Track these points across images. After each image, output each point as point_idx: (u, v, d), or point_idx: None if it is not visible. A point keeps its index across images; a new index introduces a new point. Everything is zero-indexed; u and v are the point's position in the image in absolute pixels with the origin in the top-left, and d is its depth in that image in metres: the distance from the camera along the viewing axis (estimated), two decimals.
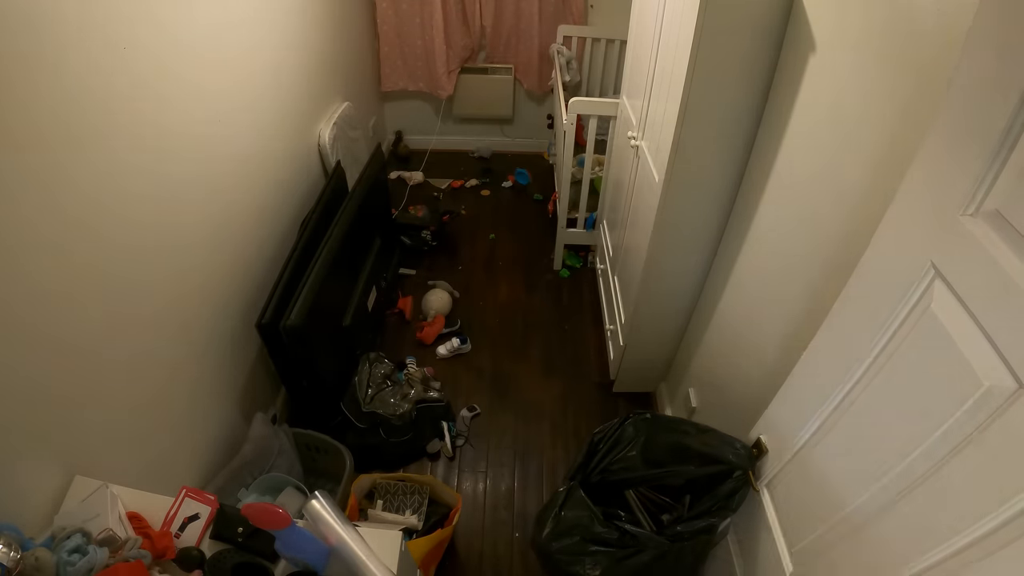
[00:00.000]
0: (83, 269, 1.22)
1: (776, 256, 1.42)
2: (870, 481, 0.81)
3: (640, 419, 1.48)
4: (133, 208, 1.37)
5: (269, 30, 2.06)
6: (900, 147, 0.97)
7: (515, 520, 2.10)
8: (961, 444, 0.66)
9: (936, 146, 0.70)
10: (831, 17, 1.21)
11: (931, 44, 0.90)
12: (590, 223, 3.02)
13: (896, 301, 0.76)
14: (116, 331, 1.33)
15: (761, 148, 1.54)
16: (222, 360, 1.84)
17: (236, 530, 1.19)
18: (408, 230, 3.17)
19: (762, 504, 1.13)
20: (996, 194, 0.62)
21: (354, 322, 2.28)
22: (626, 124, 2.29)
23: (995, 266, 0.61)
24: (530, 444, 2.35)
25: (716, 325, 1.84)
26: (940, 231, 0.69)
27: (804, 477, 1.00)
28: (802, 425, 0.98)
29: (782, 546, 1.06)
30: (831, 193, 1.18)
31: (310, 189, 2.47)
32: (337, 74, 2.84)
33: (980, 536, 0.64)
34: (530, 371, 2.64)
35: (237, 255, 1.90)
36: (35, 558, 0.93)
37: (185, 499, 1.22)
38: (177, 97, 1.52)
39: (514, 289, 3.07)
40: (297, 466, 1.92)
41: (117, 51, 1.28)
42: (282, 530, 1.06)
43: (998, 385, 0.61)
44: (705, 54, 1.42)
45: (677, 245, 1.87)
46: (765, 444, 1.12)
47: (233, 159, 1.84)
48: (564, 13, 3.39)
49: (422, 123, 4.01)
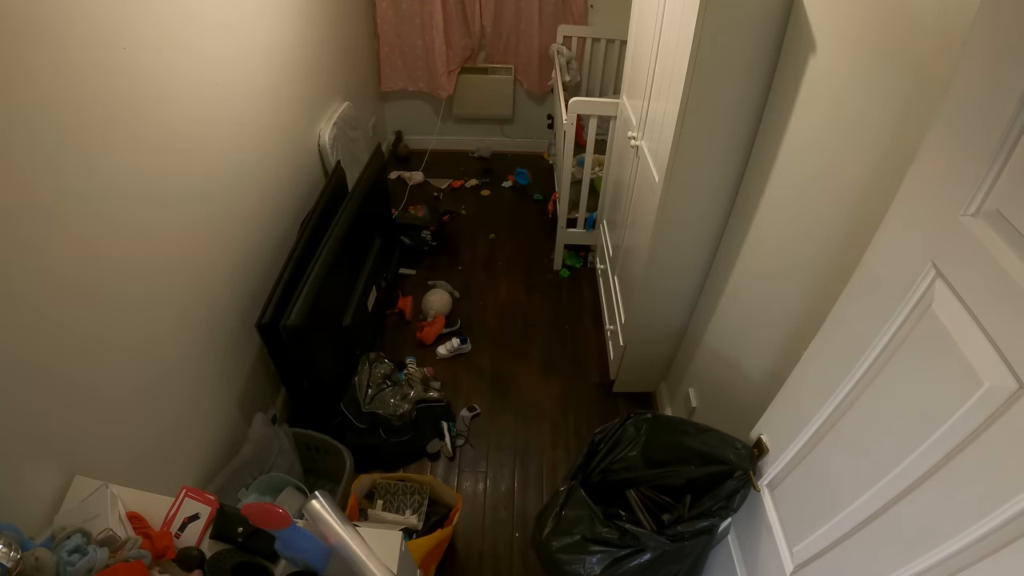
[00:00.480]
0: (80, 270, 1.22)
1: (776, 256, 1.42)
2: (871, 481, 0.81)
3: (641, 419, 1.48)
4: (132, 210, 1.37)
5: (268, 30, 2.06)
6: (900, 146, 0.97)
7: (515, 520, 2.10)
8: (962, 444, 0.66)
9: (937, 146, 0.70)
10: (831, 17, 1.21)
11: (931, 43, 0.90)
12: (590, 223, 3.02)
13: (897, 301, 0.76)
14: (116, 332, 1.33)
15: (761, 148, 1.54)
16: (222, 360, 1.84)
17: (236, 530, 1.19)
18: (408, 230, 3.16)
19: (763, 504, 1.13)
20: (997, 194, 0.62)
21: (354, 322, 2.28)
22: (626, 124, 2.29)
23: (996, 266, 0.61)
24: (530, 444, 2.35)
25: (716, 325, 1.84)
26: (941, 231, 0.69)
27: (805, 477, 1.00)
28: (803, 425, 0.98)
29: (783, 546, 1.06)
30: (831, 193, 1.18)
31: (310, 189, 2.47)
32: (337, 74, 2.84)
33: (981, 536, 0.64)
34: (530, 371, 2.64)
35: (237, 256, 1.90)
36: (35, 558, 0.93)
37: (185, 499, 1.21)
38: (176, 98, 1.52)
39: (514, 289, 3.07)
40: (297, 466, 1.92)
41: (116, 51, 1.28)
42: (282, 530, 1.06)
43: (999, 385, 0.61)
44: (705, 54, 1.42)
45: (677, 245, 1.87)
46: (766, 444, 1.12)
47: (232, 159, 1.84)
48: (564, 13, 3.40)
49: (422, 123, 4.01)
